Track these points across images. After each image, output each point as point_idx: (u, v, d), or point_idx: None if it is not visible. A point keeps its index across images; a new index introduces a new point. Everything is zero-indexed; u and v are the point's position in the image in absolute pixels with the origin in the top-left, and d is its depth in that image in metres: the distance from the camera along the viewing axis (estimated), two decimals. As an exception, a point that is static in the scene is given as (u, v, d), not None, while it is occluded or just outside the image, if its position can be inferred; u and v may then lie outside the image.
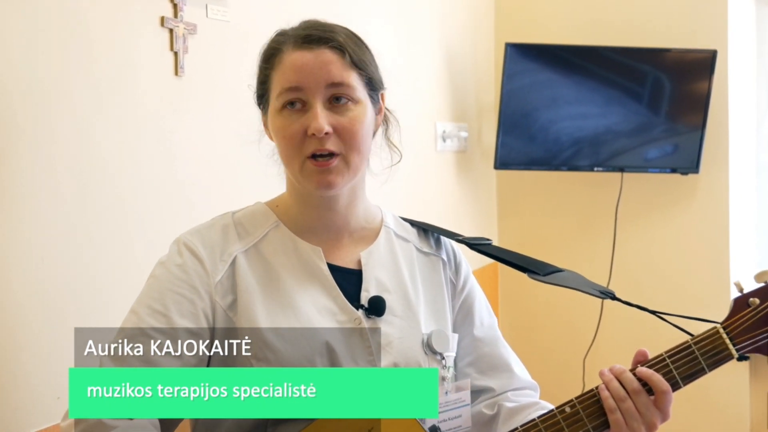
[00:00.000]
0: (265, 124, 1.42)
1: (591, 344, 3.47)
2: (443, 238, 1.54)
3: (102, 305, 1.66)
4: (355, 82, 1.35)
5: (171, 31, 1.80)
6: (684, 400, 1.47)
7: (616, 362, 1.43)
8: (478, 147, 3.48)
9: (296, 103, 1.34)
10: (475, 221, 3.42)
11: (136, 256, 1.73)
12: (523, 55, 3.31)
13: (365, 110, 1.37)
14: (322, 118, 1.32)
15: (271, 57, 1.37)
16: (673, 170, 3.32)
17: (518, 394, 1.52)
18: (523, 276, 1.50)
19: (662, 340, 1.86)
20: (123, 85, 1.70)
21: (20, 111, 1.50)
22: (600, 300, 3.44)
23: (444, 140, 3.14)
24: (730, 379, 3.32)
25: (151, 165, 1.77)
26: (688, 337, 1.38)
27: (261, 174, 2.09)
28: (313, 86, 1.33)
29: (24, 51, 1.50)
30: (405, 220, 1.54)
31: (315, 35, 1.35)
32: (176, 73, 1.82)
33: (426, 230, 1.53)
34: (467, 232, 1.63)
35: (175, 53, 1.81)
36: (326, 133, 1.32)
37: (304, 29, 1.37)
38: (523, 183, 3.62)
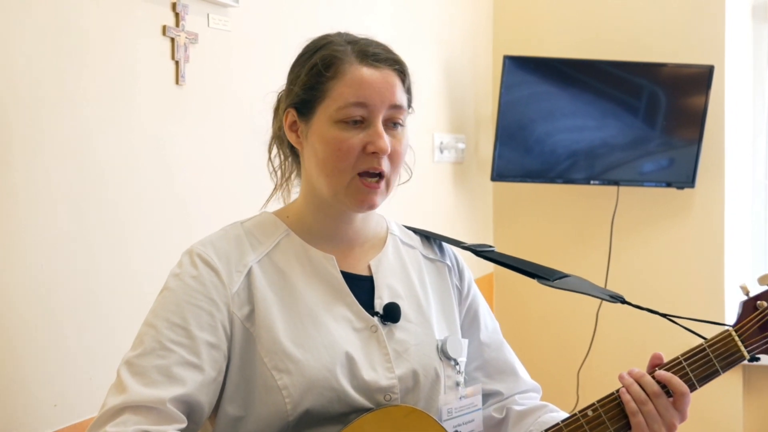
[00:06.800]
0: (291, 127, 1.40)
1: (585, 358, 3.47)
2: (445, 245, 1.56)
3: (101, 314, 1.66)
4: (406, 106, 1.39)
5: (172, 40, 1.81)
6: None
7: (609, 375, 1.45)
8: (475, 158, 3.49)
9: (357, 119, 1.34)
10: (471, 233, 3.43)
11: (135, 264, 1.74)
12: (521, 68, 3.32)
13: (407, 134, 1.40)
14: (387, 139, 1.33)
15: (330, 65, 1.35)
16: (668, 184, 3.34)
17: (524, 397, 1.55)
18: (518, 289, 1.52)
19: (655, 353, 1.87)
20: (124, 94, 1.71)
21: (19, 118, 1.50)
22: (595, 314, 3.45)
23: (441, 151, 3.15)
24: (723, 393, 3.32)
25: (152, 173, 1.78)
26: (700, 341, 1.42)
27: (260, 184, 2.10)
28: (378, 105, 1.33)
29: (24, 57, 1.50)
30: (407, 228, 1.56)
31: (382, 55, 1.36)
32: (177, 82, 1.82)
33: (429, 237, 1.55)
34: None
35: (177, 62, 1.82)
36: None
37: (368, 45, 1.37)
38: (519, 195, 3.63)
